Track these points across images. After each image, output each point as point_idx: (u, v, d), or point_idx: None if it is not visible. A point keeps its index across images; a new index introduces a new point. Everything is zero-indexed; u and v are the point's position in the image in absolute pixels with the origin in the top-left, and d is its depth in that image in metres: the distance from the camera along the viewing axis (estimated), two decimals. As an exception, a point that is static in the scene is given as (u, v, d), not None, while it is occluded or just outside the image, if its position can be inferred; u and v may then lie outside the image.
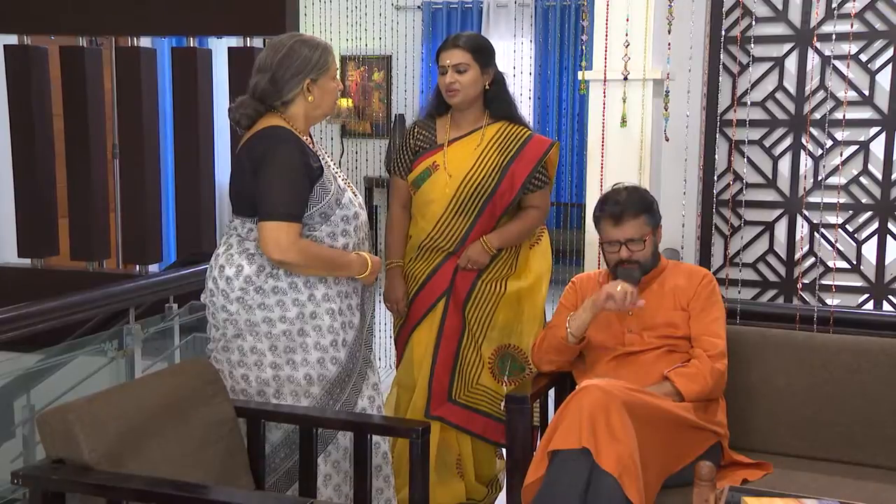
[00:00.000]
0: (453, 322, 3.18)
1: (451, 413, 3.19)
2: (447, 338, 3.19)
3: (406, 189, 3.25)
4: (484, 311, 3.18)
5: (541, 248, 3.29)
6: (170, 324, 4.31)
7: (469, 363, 3.20)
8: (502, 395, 3.19)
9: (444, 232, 3.18)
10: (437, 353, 3.18)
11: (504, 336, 3.21)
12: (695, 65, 3.84)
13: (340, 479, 2.72)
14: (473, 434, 3.24)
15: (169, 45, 6.56)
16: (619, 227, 2.83)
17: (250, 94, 2.65)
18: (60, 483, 2.09)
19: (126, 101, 5.34)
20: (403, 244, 3.27)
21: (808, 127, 4.10)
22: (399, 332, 3.32)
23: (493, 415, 3.22)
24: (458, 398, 3.20)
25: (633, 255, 2.83)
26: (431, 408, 3.19)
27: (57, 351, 3.82)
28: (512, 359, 3.23)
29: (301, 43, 2.64)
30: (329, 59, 2.66)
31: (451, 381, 3.20)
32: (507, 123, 3.20)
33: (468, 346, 3.19)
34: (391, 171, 3.29)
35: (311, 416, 2.53)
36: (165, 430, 2.29)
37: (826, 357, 2.91)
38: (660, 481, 2.53)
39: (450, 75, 3.10)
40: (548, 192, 3.26)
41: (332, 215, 2.63)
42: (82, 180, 5.38)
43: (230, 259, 2.64)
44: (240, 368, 2.65)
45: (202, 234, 5.32)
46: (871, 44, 4.04)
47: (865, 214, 4.10)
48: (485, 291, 3.18)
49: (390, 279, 3.26)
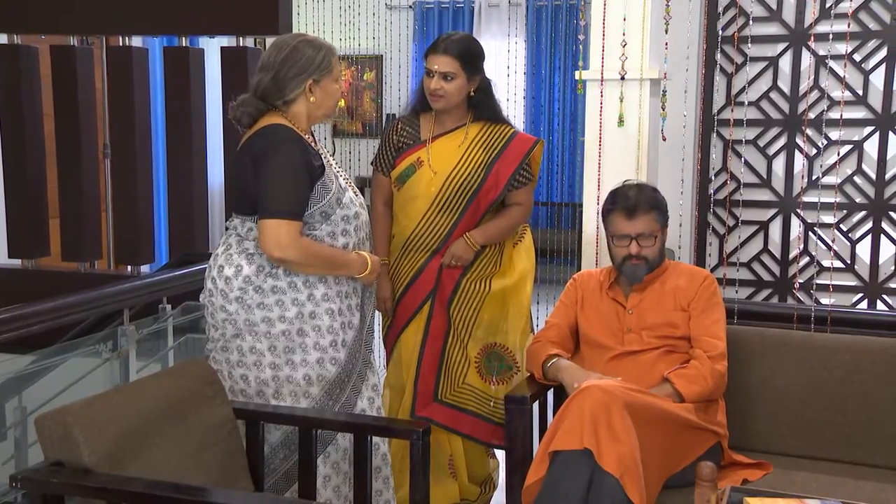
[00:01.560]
0: (439, 322, 3.17)
1: (438, 413, 3.17)
2: (433, 337, 3.17)
3: (388, 186, 3.23)
4: (469, 310, 3.17)
5: (524, 246, 3.28)
6: (163, 325, 4.28)
7: (455, 363, 3.18)
8: (490, 394, 3.19)
9: (428, 229, 3.17)
10: (423, 353, 3.17)
11: (490, 335, 3.20)
12: (690, 64, 3.84)
13: (340, 480, 2.71)
14: (462, 434, 3.21)
15: (160, 44, 6.53)
16: (631, 221, 2.83)
17: (252, 92, 2.64)
18: (59, 486, 2.07)
19: (118, 100, 5.31)
20: (388, 242, 3.25)
21: (803, 126, 4.11)
22: (387, 333, 3.30)
23: (482, 415, 3.20)
24: (444, 398, 3.18)
25: (643, 250, 2.83)
26: (417, 408, 3.17)
27: (51, 352, 3.79)
28: (499, 358, 3.22)
29: (305, 43, 2.63)
30: (332, 60, 2.65)
31: (437, 380, 3.17)
32: (490, 122, 3.20)
33: (454, 346, 3.18)
34: (374, 167, 3.27)
35: (310, 418, 2.51)
36: (165, 432, 2.27)
37: (825, 357, 2.91)
38: (660, 482, 2.52)
39: (436, 81, 3.08)
40: (531, 189, 3.26)
41: (332, 214, 2.62)
42: (73, 180, 5.35)
43: (229, 259, 2.63)
44: (239, 368, 2.64)
45: (195, 234, 5.30)
46: (865, 44, 4.06)
47: (859, 214, 4.12)
48: (469, 290, 3.16)
49: (380, 276, 3.18)
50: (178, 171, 5.33)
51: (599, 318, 2.93)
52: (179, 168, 5.32)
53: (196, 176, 5.31)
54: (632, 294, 2.91)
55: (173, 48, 5.36)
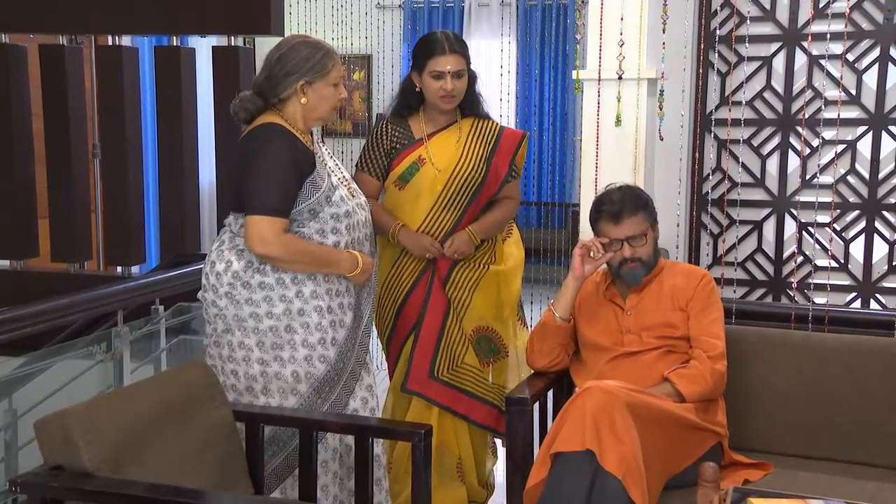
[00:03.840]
0: (438, 298, 3.16)
1: (435, 391, 3.14)
2: (431, 312, 3.15)
3: (375, 185, 3.20)
4: (463, 292, 3.17)
5: (514, 239, 3.34)
6: (156, 326, 4.25)
7: (454, 340, 3.17)
8: (485, 375, 3.20)
9: (432, 226, 3.16)
10: (421, 327, 3.15)
11: (482, 318, 3.20)
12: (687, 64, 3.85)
13: (329, 479, 2.69)
14: (459, 414, 3.18)
15: (150, 43, 6.49)
16: (618, 225, 2.83)
17: (252, 89, 2.65)
18: (60, 490, 2.05)
19: (108, 100, 5.28)
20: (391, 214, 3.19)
21: (797, 126, 4.12)
22: (390, 340, 3.27)
23: (479, 395, 3.19)
24: (441, 375, 3.15)
25: (636, 252, 2.82)
26: (409, 381, 3.14)
27: (44, 354, 3.76)
28: (489, 341, 3.22)
29: (303, 43, 2.63)
30: (329, 64, 2.64)
31: (435, 356, 3.14)
32: (477, 118, 3.23)
33: (453, 324, 3.17)
34: (358, 168, 3.22)
35: (311, 420, 2.50)
36: (165, 434, 2.25)
37: (824, 357, 2.91)
38: (662, 482, 2.52)
39: (451, 82, 3.07)
40: (518, 183, 3.32)
41: (320, 212, 2.62)
42: (63, 181, 5.32)
43: (221, 255, 2.65)
44: (229, 364, 2.65)
45: (185, 235, 5.27)
46: (858, 43, 4.06)
47: (853, 213, 4.13)
48: (465, 272, 3.18)
49: (406, 236, 3.14)
50: (168, 171, 5.31)
51: (597, 319, 2.92)
52: (170, 168, 5.29)
53: (187, 176, 5.28)
54: (630, 295, 2.90)
55: (164, 47, 5.34)
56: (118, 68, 5.19)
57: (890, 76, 4.02)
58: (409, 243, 3.14)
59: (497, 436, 3.30)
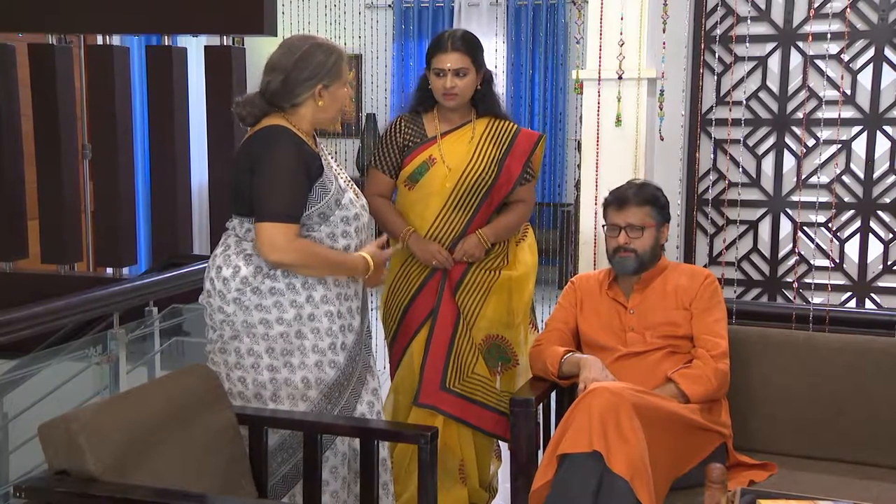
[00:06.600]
0: (448, 308, 3.14)
1: (447, 402, 3.12)
2: (441, 325, 3.13)
3: (387, 183, 3.20)
4: (475, 298, 3.16)
5: (528, 243, 3.30)
6: (150, 328, 4.22)
7: (464, 351, 3.15)
8: (494, 384, 3.18)
9: (443, 228, 3.14)
10: (431, 340, 3.13)
11: (492, 326, 3.18)
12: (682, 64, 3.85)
13: (338, 485, 2.67)
14: (469, 424, 3.17)
15: (140, 43, 6.44)
16: (621, 211, 2.87)
17: (261, 92, 2.60)
18: (65, 495, 2.03)
19: (98, 100, 5.23)
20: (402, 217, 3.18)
21: (792, 126, 4.13)
22: (394, 341, 3.25)
23: (488, 404, 3.18)
24: (452, 387, 3.14)
25: (631, 242, 2.84)
26: (421, 396, 3.12)
27: (38, 357, 3.72)
28: (500, 350, 3.21)
29: (317, 47, 2.60)
30: (342, 65, 2.63)
31: (446, 368, 3.13)
32: (494, 118, 3.21)
33: (463, 334, 3.15)
34: (371, 165, 3.22)
35: (315, 423, 2.48)
36: (169, 438, 2.23)
37: (827, 357, 2.91)
38: (668, 483, 2.52)
39: (450, 80, 3.06)
40: (534, 186, 3.29)
41: (331, 216, 2.59)
42: (53, 182, 5.26)
43: (227, 260, 2.60)
44: (237, 370, 2.60)
45: (177, 236, 5.22)
46: (853, 43, 4.07)
47: (848, 213, 4.14)
48: (477, 279, 3.16)
49: (416, 243, 3.14)
50: (160, 172, 5.26)
51: (600, 319, 2.92)
52: (161, 169, 5.24)
53: (179, 177, 5.23)
54: (633, 294, 2.90)
55: (155, 47, 5.29)
56: (108, 68, 5.13)
57: (884, 76, 4.03)
58: (416, 249, 3.14)
59: (502, 440, 3.29)
